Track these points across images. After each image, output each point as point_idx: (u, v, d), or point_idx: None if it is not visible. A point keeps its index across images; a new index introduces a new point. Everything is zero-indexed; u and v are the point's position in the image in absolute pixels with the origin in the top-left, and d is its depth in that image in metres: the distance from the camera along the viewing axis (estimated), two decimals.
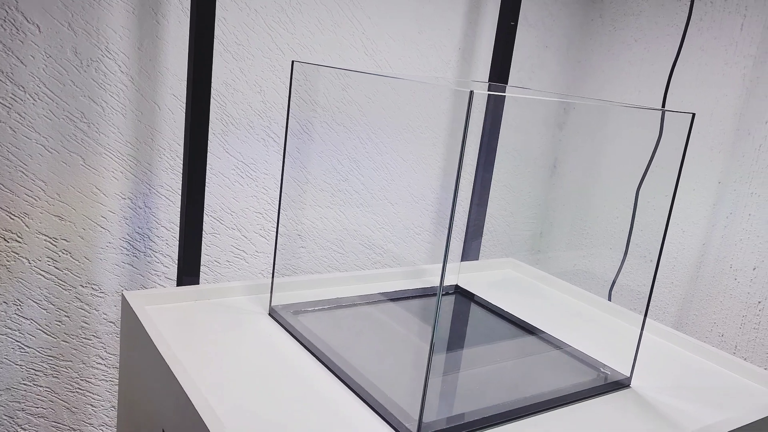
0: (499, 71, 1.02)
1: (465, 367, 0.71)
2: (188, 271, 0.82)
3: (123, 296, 0.74)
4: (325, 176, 1.02)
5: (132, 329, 0.72)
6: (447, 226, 1.19)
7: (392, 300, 0.87)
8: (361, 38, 1.00)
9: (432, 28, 1.07)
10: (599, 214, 1.22)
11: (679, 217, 1.10)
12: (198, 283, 0.83)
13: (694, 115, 0.65)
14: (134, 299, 0.75)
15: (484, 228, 1.24)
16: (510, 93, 0.71)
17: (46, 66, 0.78)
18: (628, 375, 0.72)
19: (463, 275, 1.01)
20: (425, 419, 0.57)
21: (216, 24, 0.87)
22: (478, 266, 1.06)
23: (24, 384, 0.86)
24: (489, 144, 1.04)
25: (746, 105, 1.01)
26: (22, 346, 0.85)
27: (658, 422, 0.65)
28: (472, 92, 0.49)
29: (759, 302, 0.99)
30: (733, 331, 1.02)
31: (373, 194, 1.08)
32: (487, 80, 1.13)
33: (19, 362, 0.85)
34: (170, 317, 0.74)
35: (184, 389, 0.58)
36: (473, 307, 0.89)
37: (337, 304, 0.83)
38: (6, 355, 0.84)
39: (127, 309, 0.74)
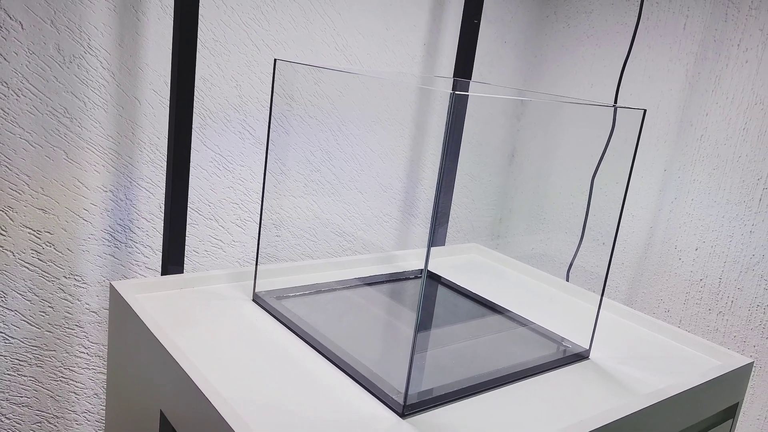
0: (463, 67, 1.08)
1: (438, 345, 0.77)
2: (173, 260, 0.85)
3: (111, 286, 0.77)
4: (299, 167, 1.06)
5: (122, 318, 0.75)
6: (412, 214, 1.25)
7: (368, 284, 0.92)
8: (332, 34, 1.04)
9: (398, 24, 1.11)
10: (556, 200, 1.29)
11: (628, 202, 1.18)
12: (182, 272, 0.87)
13: (645, 111, 0.72)
14: (123, 288, 0.78)
15: (449, 215, 1.31)
16: (482, 93, 0.76)
17: (29, 62, 0.79)
18: (587, 348, 0.79)
19: (431, 260, 1.07)
20: (412, 391, 0.63)
21: None
22: (445, 251, 1.12)
23: (8, 374, 0.88)
24: (453, 136, 1.09)
25: (689, 99, 1.09)
26: (7, 336, 0.86)
27: (615, 388, 0.72)
28: (453, 94, 0.54)
29: (701, 280, 1.08)
30: (678, 307, 1.12)
31: (343, 184, 1.13)
32: (451, 75, 1.18)
33: (3, 353, 0.87)
34: (158, 305, 0.77)
35: (184, 369, 0.62)
36: (441, 290, 0.95)
37: (317, 290, 0.88)
38: None
39: (116, 298, 0.77)
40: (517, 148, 1.37)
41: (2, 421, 0.88)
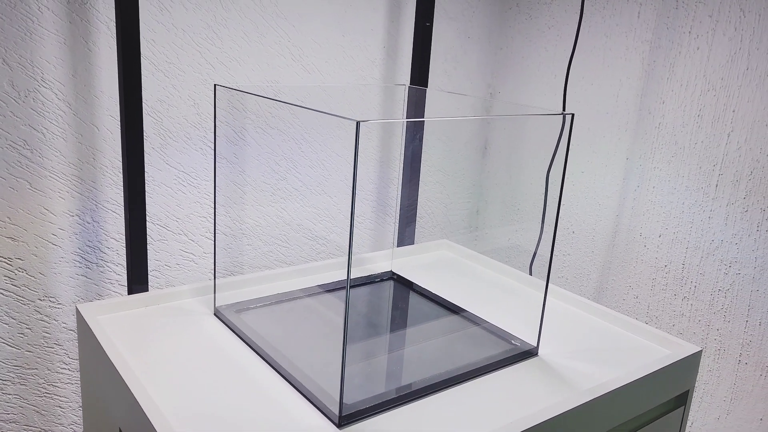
0: (419, 71, 1.10)
1: (387, 350, 0.80)
2: (136, 279, 0.89)
3: (77, 309, 0.81)
4: (264, 177, 1.09)
5: (86, 339, 0.80)
6: (386, 213, 1.28)
7: (329, 291, 0.95)
8: (287, 46, 1.06)
9: (355, 30, 1.13)
10: (528, 191, 1.31)
11: (595, 190, 1.20)
12: (147, 290, 0.91)
13: (573, 115, 0.73)
14: (87, 311, 0.82)
15: (423, 212, 1.33)
16: (395, 119, 0.78)
17: None
18: (535, 344, 0.82)
19: (399, 260, 1.10)
20: (348, 401, 0.66)
21: (145, 45, 0.93)
22: (414, 250, 1.14)
23: None
24: (414, 134, 1.11)
25: (646, 87, 1.10)
26: None
27: (557, 384, 0.75)
28: (358, 123, 0.56)
29: (665, 266, 1.10)
30: (645, 293, 1.13)
31: (311, 189, 1.16)
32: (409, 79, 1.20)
33: None
34: (122, 325, 0.81)
35: (132, 392, 0.65)
36: (403, 292, 0.97)
37: (279, 300, 0.91)
38: None
39: (81, 321, 0.81)
40: (489, 140, 1.39)
41: None
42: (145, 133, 0.96)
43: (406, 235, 1.18)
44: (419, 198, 1.30)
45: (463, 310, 0.91)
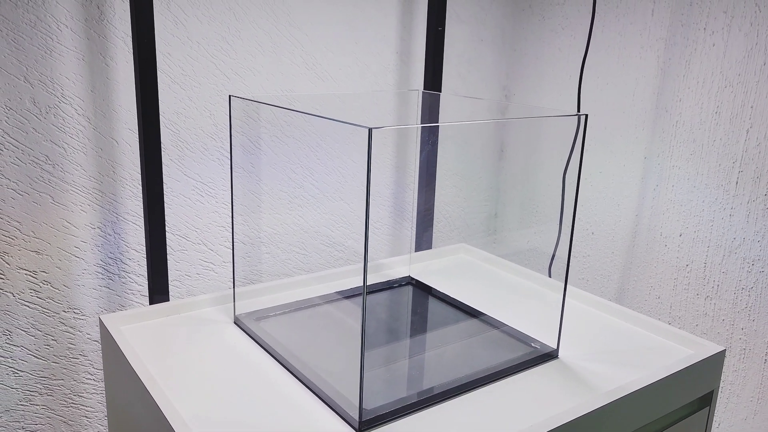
0: (432, 76, 1.10)
1: (407, 354, 0.80)
2: (157, 290, 0.90)
3: (100, 320, 0.83)
4: (280, 185, 1.10)
5: (110, 349, 0.81)
6: (404, 218, 1.28)
7: (347, 297, 0.95)
8: (301, 54, 1.07)
9: (367, 36, 1.14)
10: (546, 193, 1.30)
11: (613, 191, 1.19)
12: (168, 299, 0.92)
13: (586, 116, 0.73)
14: (110, 321, 0.83)
15: (440, 216, 1.33)
16: (408, 125, 0.78)
17: (8, 118, 0.85)
18: (555, 347, 0.81)
19: (417, 265, 1.10)
20: (367, 406, 0.66)
21: (161, 59, 0.94)
22: (432, 255, 1.14)
23: (21, 405, 0.94)
24: (429, 139, 1.11)
25: (662, 85, 1.09)
26: (16, 370, 0.93)
27: (578, 386, 0.74)
28: (370, 130, 0.57)
29: (687, 265, 1.09)
30: (667, 293, 1.12)
31: (327, 196, 1.17)
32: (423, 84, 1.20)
33: (14, 386, 0.93)
34: (144, 334, 0.82)
35: (155, 400, 0.66)
36: (421, 297, 0.97)
37: (298, 307, 0.92)
38: (1, 381, 0.92)
39: (104, 331, 0.82)
40: (505, 143, 1.38)
41: None
42: (162, 145, 0.98)
43: (423, 239, 1.18)
44: (436, 202, 1.30)
45: (482, 314, 0.91)
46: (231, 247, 1.08)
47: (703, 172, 1.05)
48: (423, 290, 0.99)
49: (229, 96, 0.72)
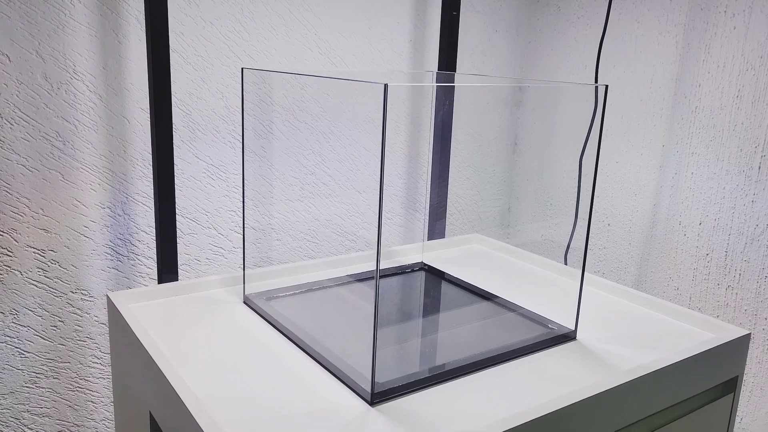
0: (447, 60, 1.09)
1: (420, 333, 0.78)
2: (167, 269, 0.88)
3: (108, 297, 0.81)
4: (292, 171, 1.09)
5: (118, 326, 0.79)
6: (416, 209, 1.26)
7: (359, 280, 0.93)
8: (314, 39, 1.06)
9: (381, 22, 1.13)
10: (560, 184, 1.28)
11: (630, 180, 1.16)
12: (177, 279, 0.90)
13: (606, 86, 0.71)
14: (118, 299, 0.81)
15: (454, 209, 1.31)
16: (424, 83, 0.77)
17: (19, 92, 0.84)
18: (573, 328, 0.79)
19: (430, 253, 1.08)
20: (379, 379, 0.64)
21: (174, 38, 0.94)
22: (445, 244, 1.12)
23: (27, 387, 0.93)
24: (444, 129, 1.10)
25: (681, 70, 1.07)
26: (22, 351, 0.92)
27: (595, 365, 0.72)
28: (386, 85, 0.55)
29: (707, 255, 1.06)
30: (686, 284, 1.09)
31: (340, 184, 1.15)
32: (437, 69, 1.19)
33: (20, 367, 0.92)
34: (152, 313, 0.81)
35: (162, 371, 0.65)
36: (435, 281, 0.95)
37: (309, 288, 0.90)
38: (7, 361, 0.91)
39: (112, 308, 0.80)
40: (518, 136, 1.37)
41: (24, 431, 0.94)
42: (174, 126, 0.97)
43: (436, 230, 1.17)
44: (450, 195, 1.29)
45: (497, 297, 0.89)
46: (242, 232, 1.06)
47: (724, 158, 1.02)
48: (436, 275, 0.97)
49: (242, 69, 0.70)
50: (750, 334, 0.79)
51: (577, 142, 1.09)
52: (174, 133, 0.97)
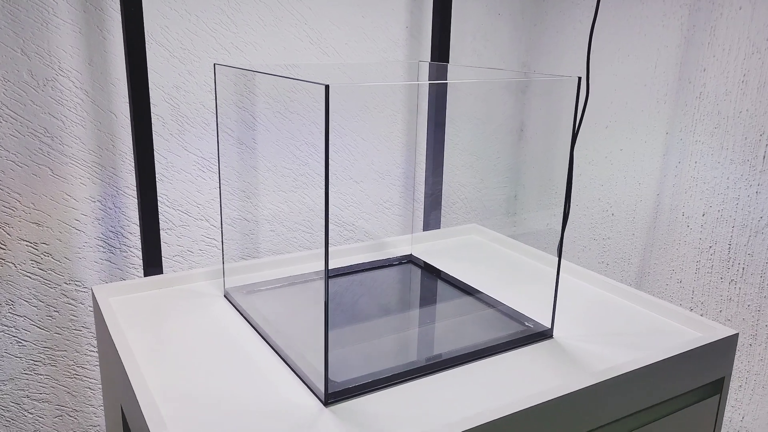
0: (440, 48, 1.06)
1: (388, 331, 0.77)
2: (151, 262, 0.90)
3: (92, 290, 0.83)
4: (285, 163, 1.09)
5: (99, 319, 0.81)
6: (416, 198, 1.25)
7: (341, 275, 0.93)
8: (304, 28, 1.05)
9: (375, 10, 1.11)
10: (564, 173, 1.25)
11: (634, 169, 1.12)
12: (162, 272, 0.92)
13: (579, 78, 0.68)
14: (101, 292, 0.83)
15: (456, 197, 1.29)
16: (361, 83, 0.74)
17: (5, 90, 0.86)
18: (549, 326, 0.77)
19: (423, 245, 1.07)
20: (337, 378, 0.64)
21: (159, 32, 0.94)
22: (440, 235, 1.11)
23: (26, 374, 0.96)
24: (437, 118, 1.08)
25: (685, 54, 1.02)
26: (20, 340, 0.95)
27: (565, 365, 0.70)
28: (327, 86, 0.54)
29: (710, 247, 1.02)
30: (689, 277, 1.05)
31: (336, 175, 1.15)
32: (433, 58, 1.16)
33: (18, 355, 0.95)
34: (132, 306, 0.82)
35: (125, 367, 0.66)
36: (418, 275, 0.94)
37: (290, 282, 0.90)
38: (6, 350, 0.94)
39: (95, 301, 0.82)
40: (525, 123, 1.33)
41: (25, 416, 0.97)
42: (162, 119, 0.98)
43: (431, 219, 1.15)
44: (452, 184, 1.27)
45: (479, 292, 0.87)
46: (233, 224, 1.07)
47: (728, 147, 0.98)
48: (422, 268, 0.96)
49: (214, 64, 0.70)
50: (737, 334, 0.76)
51: (583, 131, 1.05)
52: (162, 126, 0.98)
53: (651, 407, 0.73)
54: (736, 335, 0.76)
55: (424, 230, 1.15)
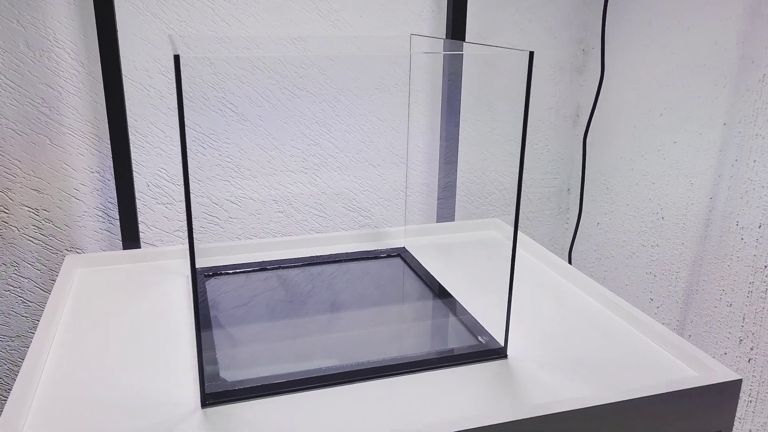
0: (453, 24, 0.95)
1: (306, 331, 0.70)
2: (127, 236, 0.90)
3: (64, 258, 0.84)
4: (293, 142, 1.04)
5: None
6: (433, 187, 1.15)
7: (316, 264, 0.87)
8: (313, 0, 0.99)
9: None
10: (617, 165, 1.08)
11: (687, 166, 0.94)
12: (139, 247, 0.91)
13: (532, 52, 0.56)
14: (70, 262, 0.84)
15: (493, 187, 1.18)
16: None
17: (3, 60, 0.89)
18: (503, 345, 0.66)
19: (429, 237, 0.97)
20: (229, 378, 0.59)
21: (155, 3, 0.93)
22: (454, 228, 1.01)
23: (31, 332, 1.01)
24: (450, 102, 0.98)
25: (750, 28, 0.83)
26: (25, 300, 0.99)
27: (502, 393, 0.59)
28: (177, 56, 0.48)
29: (766, 266, 0.83)
30: (740, 300, 0.87)
31: (349, 156, 1.08)
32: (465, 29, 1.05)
33: (24, 314, 1.00)
34: (94, 279, 0.82)
35: (33, 343, 0.65)
36: (395, 271, 0.86)
37: (260, 267, 0.86)
38: (12, 308, 0.99)
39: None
40: (581, 106, 1.17)
41: None
42: (160, 93, 0.97)
43: (445, 210, 1.05)
44: (489, 173, 1.15)
45: (449, 297, 0.77)
46: (237, 202, 1.05)
47: None
48: (407, 264, 0.87)
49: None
50: (741, 380, 0.60)
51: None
52: (160, 100, 0.97)
53: None
54: (739, 381, 0.61)
55: (438, 221, 1.06)
